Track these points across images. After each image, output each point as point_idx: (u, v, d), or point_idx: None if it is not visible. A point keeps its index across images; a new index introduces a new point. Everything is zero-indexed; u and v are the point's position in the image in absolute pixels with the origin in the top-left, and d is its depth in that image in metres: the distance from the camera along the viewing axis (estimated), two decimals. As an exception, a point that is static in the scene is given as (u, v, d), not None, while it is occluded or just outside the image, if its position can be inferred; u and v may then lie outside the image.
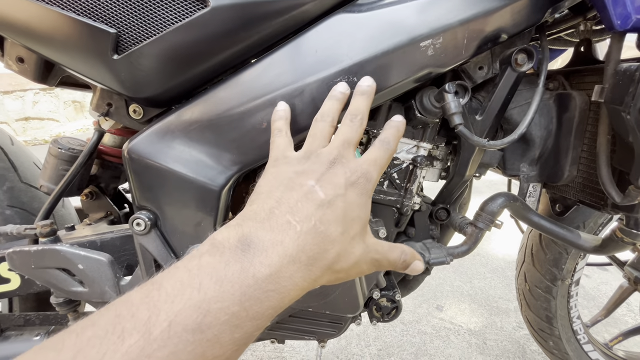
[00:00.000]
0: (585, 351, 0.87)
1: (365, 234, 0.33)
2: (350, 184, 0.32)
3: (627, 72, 0.39)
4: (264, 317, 0.26)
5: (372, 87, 0.39)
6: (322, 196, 0.30)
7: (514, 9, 0.43)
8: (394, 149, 0.36)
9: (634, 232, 0.50)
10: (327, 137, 0.36)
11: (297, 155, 0.35)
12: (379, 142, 0.36)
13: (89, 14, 0.40)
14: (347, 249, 0.31)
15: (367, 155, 0.35)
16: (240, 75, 0.44)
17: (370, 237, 0.34)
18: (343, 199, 0.31)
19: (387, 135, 0.37)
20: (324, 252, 0.29)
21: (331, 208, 0.30)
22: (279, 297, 0.26)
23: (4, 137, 0.68)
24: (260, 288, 0.25)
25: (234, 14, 0.41)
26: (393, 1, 0.43)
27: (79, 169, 0.53)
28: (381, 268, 0.36)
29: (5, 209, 0.63)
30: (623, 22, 0.38)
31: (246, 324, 0.25)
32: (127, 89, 0.45)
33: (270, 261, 0.26)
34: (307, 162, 0.33)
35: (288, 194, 0.30)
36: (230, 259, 0.26)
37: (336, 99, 0.38)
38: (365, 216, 0.33)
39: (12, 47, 0.49)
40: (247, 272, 0.25)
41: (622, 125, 0.41)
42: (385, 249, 0.35)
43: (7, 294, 0.56)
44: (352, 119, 0.36)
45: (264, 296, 0.25)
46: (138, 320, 0.22)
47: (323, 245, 0.29)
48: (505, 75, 0.48)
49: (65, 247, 0.48)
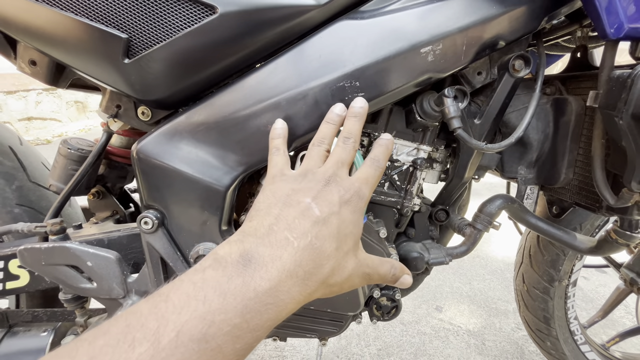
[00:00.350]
0: (583, 352, 0.89)
1: (358, 249, 0.36)
2: (344, 202, 0.34)
3: (620, 79, 0.41)
4: (263, 328, 0.27)
5: (364, 109, 0.41)
6: (317, 213, 0.32)
7: (511, 17, 0.44)
8: (383, 167, 0.39)
9: (628, 234, 0.51)
10: (322, 159, 0.38)
11: (294, 173, 0.37)
12: (370, 160, 0.39)
13: (101, 20, 0.42)
14: (340, 263, 0.33)
15: (359, 174, 0.37)
16: (246, 79, 0.46)
17: (362, 252, 0.36)
18: (337, 216, 0.33)
19: (377, 154, 0.39)
20: (320, 267, 0.30)
21: (326, 225, 0.32)
22: (277, 310, 0.28)
23: (13, 137, 0.70)
24: (260, 301, 0.27)
25: (241, 20, 0.42)
26: (394, 9, 0.45)
27: (88, 168, 0.55)
28: (372, 281, 0.37)
29: (14, 207, 0.65)
30: (616, 31, 0.40)
31: (246, 335, 0.26)
32: (137, 92, 0.46)
33: (270, 275, 0.28)
34: (304, 181, 0.35)
35: (286, 211, 0.32)
36: (233, 273, 0.27)
37: (333, 123, 0.41)
38: (358, 232, 0.35)
39: (25, 50, 0.50)
40: (249, 286, 0.27)
41: (615, 129, 0.43)
42: (376, 263, 0.37)
43: (17, 290, 0.58)
44: (345, 141, 0.38)
45: (263, 309, 0.27)
46: (147, 330, 0.23)
47: (319, 260, 0.30)
48: (503, 80, 0.49)
49: (74, 244, 0.50)
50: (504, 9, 0.44)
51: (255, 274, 0.27)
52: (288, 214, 0.32)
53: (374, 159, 0.39)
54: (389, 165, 0.56)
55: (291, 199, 0.33)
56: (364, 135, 0.56)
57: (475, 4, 0.44)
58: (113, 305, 0.54)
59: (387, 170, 0.56)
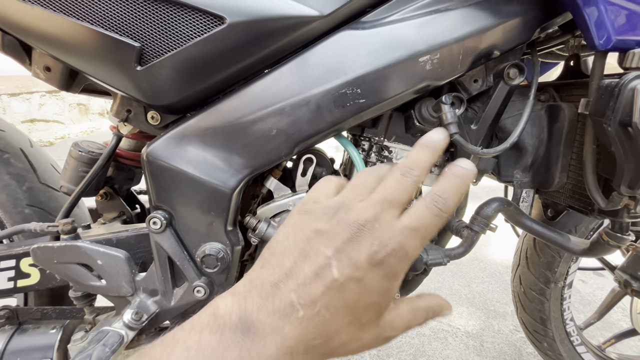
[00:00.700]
0: (579, 352, 0.90)
1: (381, 316, 0.28)
2: (374, 264, 0.26)
3: (608, 88, 0.43)
4: None
5: (445, 142, 0.31)
6: (335, 275, 0.25)
7: (505, 28, 0.47)
8: (449, 210, 0.27)
9: (619, 236, 0.53)
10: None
11: (328, 204, 0.29)
12: (430, 198, 0.28)
13: (115, 29, 0.44)
14: (354, 336, 0.27)
15: (408, 220, 0.27)
16: (252, 85, 0.48)
17: (389, 312, 0.28)
18: (358, 283, 0.26)
19: (445, 189, 0.28)
20: (326, 342, 0.26)
21: (342, 292, 0.25)
22: None
23: (24, 140, 0.72)
24: None
25: (249, 30, 0.44)
26: (394, 20, 0.47)
27: (99, 170, 0.57)
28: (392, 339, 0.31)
29: (24, 207, 0.67)
30: (604, 43, 0.42)
31: None
32: (147, 97, 0.48)
33: (269, 352, 0.24)
34: (334, 219, 0.27)
35: (300, 265, 0.26)
36: (230, 344, 0.24)
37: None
38: (386, 302, 0.27)
39: (40, 57, 0.52)
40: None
41: (604, 136, 0.45)
42: (405, 321, 0.29)
43: (27, 288, 0.60)
44: (405, 173, 0.29)
45: None
46: None
47: (326, 334, 0.26)
48: (498, 88, 0.51)
49: (86, 243, 0.52)
50: (498, 20, 0.46)
51: (253, 349, 0.24)
52: (301, 270, 0.26)
53: (435, 197, 0.28)
54: (389, 169, 0.58)
55: (311, 246, 0.27)
56: (364, 140, 0.58)
57: (471, 15, 0.46)
58: (121, 302, 0.55)
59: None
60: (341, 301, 0.25)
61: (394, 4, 0.48)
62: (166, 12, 0.43)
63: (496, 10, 0.46)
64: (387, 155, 0.57)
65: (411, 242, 0.27)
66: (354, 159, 0.53)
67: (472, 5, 0.46)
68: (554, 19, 0.49)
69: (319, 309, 0.25)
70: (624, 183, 0.45)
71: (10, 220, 0.67)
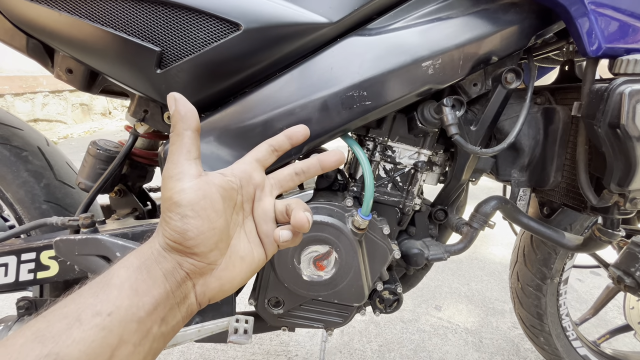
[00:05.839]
0: (574, 347, 0.93)
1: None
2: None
3: (599, 92, 0.46)
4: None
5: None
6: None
7: (502, 35, 0.50)
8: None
9: (610, 232, 0.56)
10: None
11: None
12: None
13: (138, 35, 0.47)
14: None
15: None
16: (264, 87, 0.51)
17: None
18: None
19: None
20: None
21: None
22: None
23: (41, 139, 0.75)
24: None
25: (262, 36, 0.47)
26: (398, 27, 0.50)
27: (116, 168, 0.60)
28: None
29: (42, 203, 0.69)
30: (595, 50, 0.45)
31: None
32: (165, 99, 0.51)
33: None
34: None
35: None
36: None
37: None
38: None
39: (63, 60, 0.55)
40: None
41: (595, 137, 0.48)
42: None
43: (46, 280, 0.62)
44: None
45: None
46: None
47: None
48: (497, 91, 0.54)
49: (105, 236, 0.54)
50: (496, 28, 0.49)
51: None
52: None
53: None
54: (393, 168, 0.61)
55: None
56: (369, 140, 0.61)
57: (470, 23, 0.49)
58: (137, 293, 0.58)
59: (390, 172, 0.61)
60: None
61: (399, 12, 0.51)
62: (185, 18, 0.46)
63: (494, 19, 0.49)
64: (390, 155, 0.60)
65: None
66: (360, 157, 0.55)
67: (471, 14, 0.49)
68: (549, 26, 0.52)
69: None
70: (613, 181, 0.48)
71: (29, 215, 0.69)
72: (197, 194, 0.30)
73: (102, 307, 0.26)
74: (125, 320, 0.27)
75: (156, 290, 0.29)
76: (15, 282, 0.61)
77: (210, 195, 0.31)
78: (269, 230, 0.36)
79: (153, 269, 0.30)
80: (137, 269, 0.29)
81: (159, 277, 0.29)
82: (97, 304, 0.27)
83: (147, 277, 0.29)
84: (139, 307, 0.28)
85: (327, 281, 0.59)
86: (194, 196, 0.30)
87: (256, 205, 0.37)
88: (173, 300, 0.30)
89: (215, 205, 0.31)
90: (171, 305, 0.30)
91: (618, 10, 0.44)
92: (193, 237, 0.30)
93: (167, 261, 0.30)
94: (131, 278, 0.29)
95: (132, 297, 0.28)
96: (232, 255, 0.34)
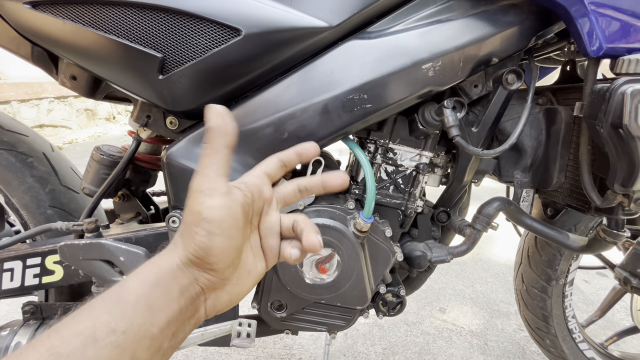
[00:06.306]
0: (581, 349, 0.92)
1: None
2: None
3: (600, 92, 0.45)
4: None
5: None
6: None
7: (503, 37, 0.50)
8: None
9: (615, 232, 0.56)
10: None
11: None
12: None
13: (139, 41, 0.48)
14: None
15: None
16: (265, 91, 0.51)
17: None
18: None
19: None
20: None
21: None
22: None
23: (45, 144, 0.76)
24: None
25: (263, 41, 0.48)
26: (398, 29, 0.50)
27: (119, 173, 0.60)
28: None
29: (47, 208, 0.70)
30: (596, 50, 0.45)
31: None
32: (167, 104, 0.52)
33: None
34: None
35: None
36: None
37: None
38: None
39: (67, 67, 0.56)
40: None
41: (598, 137, 0.48)
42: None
43: (51, 284, 0.63)
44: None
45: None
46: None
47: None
48: (498, 92, 0.54)
49: (109, 241, 0.55)
50: (496, 29, 0.49)
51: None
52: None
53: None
54: (394, 170, 0.61)
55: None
56: (370, 142, 0.61)
57: (470, 25, 0.49)
58: (141, 297, 0.58)
59: (392, 174, 0.61)
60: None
61: (398, 15, 0.51)
62: (187, 25, 0.47)
63: (494, 20, 0.49)
64: (392, 157, 0.60)
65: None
66: (361, 160, 0.56)
67: (471, 16, 0.49)
68: (549, 27, 0.52)
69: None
70: (617, 181, 0.48)
71: (34, 220, 0.70)
72: (226, 213, 0.30)
73: (116, 325, 0.26)
74: (138, 337, 0.27)
75: (170, 307, 0.29)
76: (20, 286, 0.61)
77: (236, 214, 0.31)
78: (274, 244, 0.36)
79: (170, 285, 0.29)
80: (154, 286, 0.29)
81: (175, 294, 0.29)
82: (111, 321, 0.26)
83: (162, 294, 0.29)
84: (152, 324, 0.28)
85: (330, 284, 0.59)
86: (223, 214, 0.30)
87: (263, 220, 0.37)
88: (185, 315, 0.30)
89: (238, 224, 0.31)
90: (183, 320, 0.30)
91: (618, 10, 0.43)
92: (217, 254, 0.30)
93: (185, 276, 0.30)
94: (146, 294, 0.28)
95: (146, 314, 0.28)
96: (241, 269, 0.34)
